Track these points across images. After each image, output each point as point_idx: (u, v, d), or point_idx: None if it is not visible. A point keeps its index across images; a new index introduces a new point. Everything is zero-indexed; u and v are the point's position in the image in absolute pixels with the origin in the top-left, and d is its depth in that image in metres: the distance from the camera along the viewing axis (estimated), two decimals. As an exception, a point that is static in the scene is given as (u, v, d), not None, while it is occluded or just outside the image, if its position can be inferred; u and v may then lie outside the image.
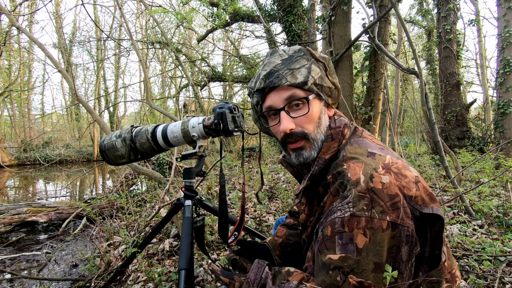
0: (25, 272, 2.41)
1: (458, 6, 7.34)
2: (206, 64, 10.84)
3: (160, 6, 8.29)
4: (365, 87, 3.50)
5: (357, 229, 0.58)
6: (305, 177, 0.77)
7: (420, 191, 0.63)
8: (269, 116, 0.77)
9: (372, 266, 0.58)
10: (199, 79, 10.65)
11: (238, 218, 1.09)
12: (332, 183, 0.68)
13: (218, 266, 0.86)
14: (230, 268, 0.92)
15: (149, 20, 11.09)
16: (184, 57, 10.76)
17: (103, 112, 16.22)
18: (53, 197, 6.09)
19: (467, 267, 1.52)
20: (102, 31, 12.99)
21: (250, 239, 0.99)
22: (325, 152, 0.73)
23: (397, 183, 0.61)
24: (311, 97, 0.72)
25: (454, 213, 2.29)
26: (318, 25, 4.83)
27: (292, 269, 0.73)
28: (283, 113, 0.72)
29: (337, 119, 0.77)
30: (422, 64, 10.07)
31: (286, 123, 0.71)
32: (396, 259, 0.59)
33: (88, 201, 4.08)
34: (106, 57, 16.41)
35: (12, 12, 4.34)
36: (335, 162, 0.71)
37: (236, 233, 1.07)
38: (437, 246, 0.64)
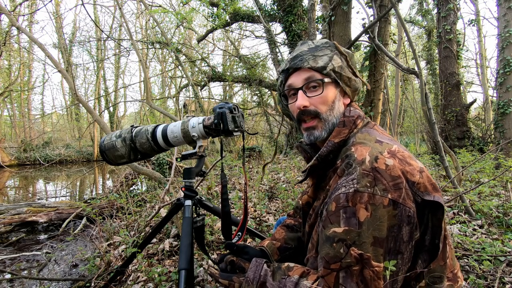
0: (25, 272, 2.41)
1: (458, 6, 7.33)
2: (206, 64, 10.84)
3: (160, 6, 8.29)
4: (365, 87, 3.50)
5: (360, 204, 0.62)
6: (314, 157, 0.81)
7: (424, 179, 0.66)
8: (289, 95, 0.86)
9: (372, 239, 0.60)
10: (199, 79, 10.64)
11: (241, 218, 1.08)
12: (340, 167, 0.71)
13: (216, 269, 0.86)
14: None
15: (149, 20, 11.09)
16: (184, 57, 10.76)
17: (103, 112, 16.22)
18: (53, 197, 6.09)
19: (467, 267, 1.52)
20: (102, 31, 12.99)
21: (241, 243, 0.96)
22: (335, 136, 0.78)
23: (401, 167, 0.65)
24: (326, 80, 0.79)
25: (454, 213, 2.29)
26: (318, 25, 4.83)
27: (292, 264, 0.74)
28: (300, 92, 0.80)
29: (352, 110, 0.82)
30: (422, 64, 10.07)
31: (302, 100, 0.80)
32: (397, 238, 0.62)
33: (88, 201, 4.08)
34: (106, 57, 16.41)
35: (12, 12, 4.34)
36: (344, 148, 0.75)
37: (239, 233, 1.06)
38: (437, 235, 0.66)
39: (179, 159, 1.17)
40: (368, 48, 3.35)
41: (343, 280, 0.61)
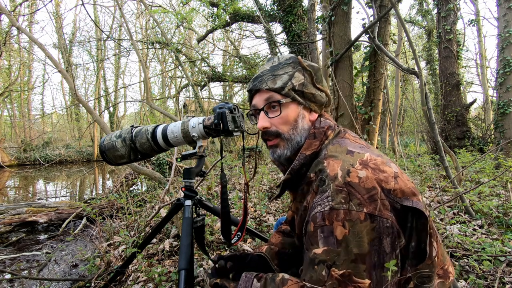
0: (25, 272, 2.41)
1: (458, 6, 7.34)
2: (206, 64, 10.84)
3: (160, 6, 8.30)
4: (365, 87, 3.50)
5: (336, 222, 0.61)
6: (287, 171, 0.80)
7: (399, 185, 0.65)
8: (255, 114, 0.87)
9: (353, 256, 0.59)
10: (199, 79, 10.64)
11: (241, 218, 1.08)
12: (314, 181, 0.71)
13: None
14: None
15: (149, 20, 11.09)
16: (184, 57, 10.76)
17: (103, 112, 16.22)
18: (53, 197, 6.09)
19: (467, 267, 1.52)
20: (102, 31, 12.98)
21: (239, 252, 0.95)
22: (306, 148, 0.78)
23: (374, 176, 0.64)
24: (284, 100, 0.78)
25: (454, 213, 2.29)
26: (318, 25, 4.83)
27: (286, 276, 0.71)
28: (261, 113, 0.82)
29: (322, 121, 0.82)
30: (422, 64, 10.07)
31: (262, 122, 0.81)
32: (379, 251, 0.61)
33: (88, 201, 4.08)
34: (106, 57, 16.41)
35: (12, 12, 4.34)
36: (316, 160, 0.74)
37: (239, 233, 1.06)
38: (422, 239, 0.65)
39: (179, 159, 1.17)
40: (368, 48, 3.35)
41: None
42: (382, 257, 0.61)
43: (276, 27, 9.82)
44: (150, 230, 1.41)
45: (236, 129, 1.06)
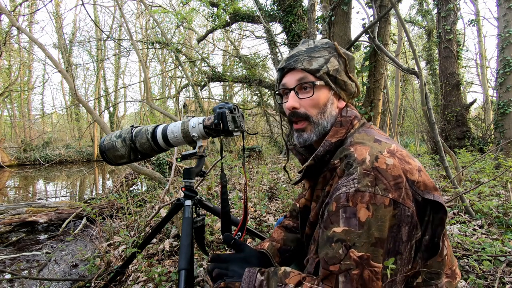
0: (25, 272, 2.41)
1: (458, 6, 7.34)
2: (206, 64, 10.83)
3: (160, 6, 8.31)
4: (365, 87, 3.50)
5: (361, 204, 0.61)
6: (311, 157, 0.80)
7: (423, 178, 0.66)
8: (283, 94, 0.86)
9: (373, 240, 0.60)
10: (199, 79, 10.64)
11: (241, 218, 1.08)
12: (338, 167, 0.71)
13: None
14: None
15: (149, 20, 11.09)
16: (184, 57, 10.75)
17: (103, 112, 16.22)
18: (53, 197, 6.09)
19: (467, 267, 1.52)
20: (102, 31, 12.98)
21: (238, 253, 0.93)
22: (332, 135, 0.77)
23: (401, 166, 0.65)
24: (318, 83, 0.78)
25: (454, 213, 2.29)
26: (318, 25, 4.83)
27: (288, 269, 0.71)
28: (292, 92, 0.80)
29: (349, 110, 0.82)
30: (422, 64, 10.07)
31: (292, 101, 0.79)
32: (396, 238, 0.61)
33: (88, 201, 4.08)
34: (106, 57, 16.41)
35: (12, 12, 4.34)
36: (342, 147, 0.74)
37: (239, 233, 1.06)
38: (437, 234, 0.66)
39: (179, 159, 1.17)
40: (368, 48, 3.34)
41: (343, 286, 0.59)
42: (397, 245, 0.61)
43: (276, 27, 9.82)
44: (150, 230, 1.41)
45: (236, 129, 1.06)
